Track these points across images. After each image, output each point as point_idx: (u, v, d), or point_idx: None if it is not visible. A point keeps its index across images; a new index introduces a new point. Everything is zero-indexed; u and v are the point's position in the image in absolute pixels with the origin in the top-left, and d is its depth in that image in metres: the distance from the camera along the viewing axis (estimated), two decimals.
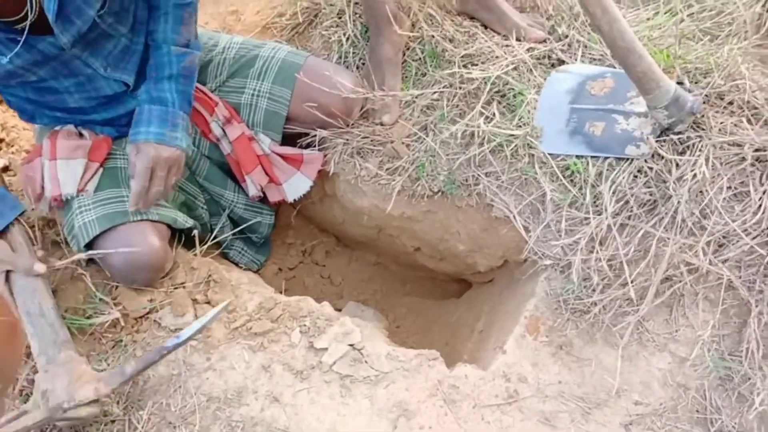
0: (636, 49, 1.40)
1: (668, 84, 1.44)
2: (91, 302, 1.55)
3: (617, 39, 1.39)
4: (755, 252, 1.36)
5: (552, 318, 1.45)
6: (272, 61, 1.65)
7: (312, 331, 1.51)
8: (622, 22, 1.38)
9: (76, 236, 1.48)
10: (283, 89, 1.64)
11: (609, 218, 1.45)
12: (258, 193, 1.71)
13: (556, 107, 1.64)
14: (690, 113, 1.46)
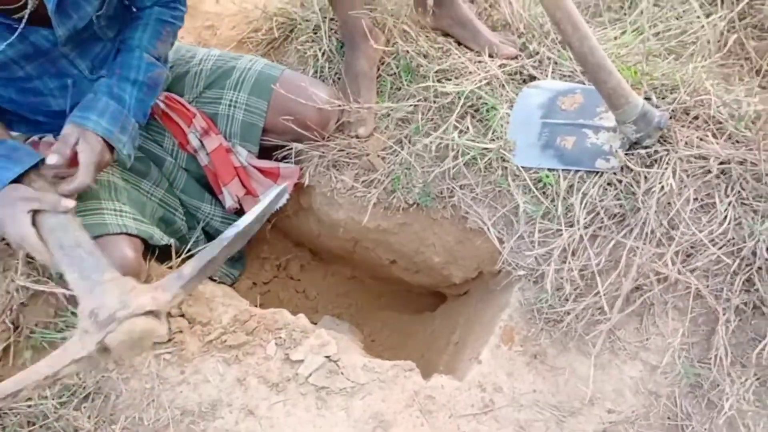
0: (606, 66, 1.44)
1: (636, 100, 1.48)
2: (62, 315, 1.53)
3: (588, 55, 1.43)
4: (722, 261, 1.40)
5: (526, 328, 1.46)
6: (249, 73, 1.66)
7: (288, 343, 1.50)
8: (592, 40, 1.42)
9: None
10: (260, 100, 1.65)
11: (580, 229, 1.48)
12: (235, 205, 1.70)
13: (527, 121, 1.67)
14: (657, 128, 1.51)
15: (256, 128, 1.66)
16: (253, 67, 1.67)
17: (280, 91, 1.64)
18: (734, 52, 2.29)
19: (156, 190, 1.65)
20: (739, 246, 1.40)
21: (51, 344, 1.50)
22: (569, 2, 1.40)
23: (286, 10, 2.01)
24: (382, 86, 1.81)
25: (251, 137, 1.68)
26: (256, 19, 2.06)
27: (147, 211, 1.61)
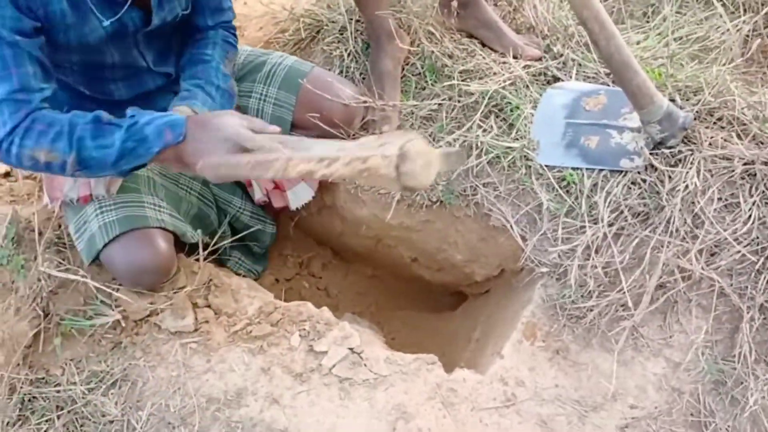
0: (631, 65, 1.46)
1: (661, 100, 1.49)
2: (92, 304, 1.56)
3: (614, 54, 1.45)
4: (746, 260, 1.41)
5: (549, 324, 1.47)
6: (279, 68, 1.70)
7: (311, 335, 1.52)
8: (619, 38, 1.44)
9: (94, 236, 1.48)
10: (289, 95, 1.68)
11: (604, 227, 1.50)
12: (263, 198, 1.73)
13: (551, 121, 1.69)
14: (682, 128, 1.52)
15: (285, 122, 1.69)
16: (283, 62, 1.70)
17: (308, 86, 1.67)
18: (756, 60, 2.30)
19: (194, 184, 1.69)
20: (763, 245, 1.41)
21: (80, 332, 1.53)
22: (596, 1, 1.42)
23: (312, 11, 2.05)
24: (406, 85, 1.83)
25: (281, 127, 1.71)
26: (283, 20, 2.10)
27: (182, 207, 1.65)
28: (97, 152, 1.26)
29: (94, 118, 1.26)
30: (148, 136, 1.25)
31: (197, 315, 1.57)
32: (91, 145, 1.25)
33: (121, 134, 1.26)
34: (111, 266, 1.52)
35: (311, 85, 1.67)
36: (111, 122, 1.27)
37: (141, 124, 1.26)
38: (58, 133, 1.24)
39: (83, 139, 1.25)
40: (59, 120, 1.25)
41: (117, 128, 1.26)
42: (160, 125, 1.26)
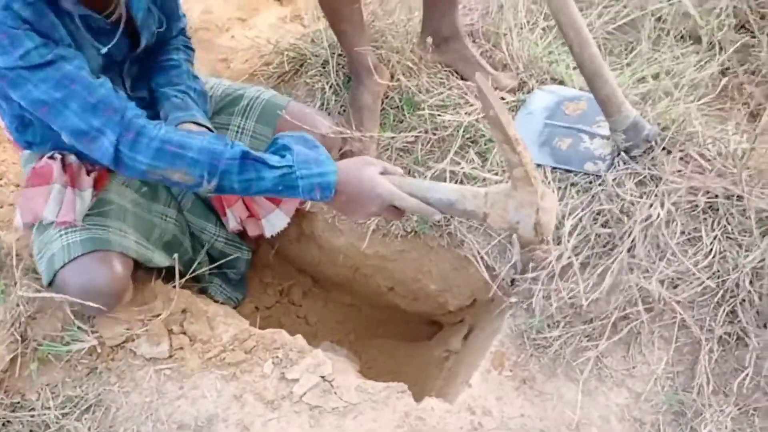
0: (603, 74, 1.55)
1: (629, 110, 1.58)
2: (69, 330, 1.58)
3: (587, 61, 1.52)
4: (707, 292, 1.44)
5: (516, 353, 1.50)
6: (256, 102, 1.74)
7: (284, 363, 1.54)
8: (593, 47, 1.52)
9: (54, 256, 1.49)
10: (266, 128, 1.72)
11: (572, 257, 1.53)
12: (238, 227, 1.77)
13: (532, 120, 1.79)
14: (645, 140, 1.60)
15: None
16: (260, 96, 1.75)
17: (286, 117, 1.71)
18: (731, 96, 2.36)
19: (169, 211, 1.71)
20: (723, 278, 1.44)
21: (57, 357, 1.55)
22: (574, 8, 1.50)
23: (296, 45, 2.11)
24: (385, 118, 1.88)
25: None
26: (268, 53, 2.16)
27: (154, 234, 1.67)
28: (240, 185, 1.31)
29: (242, 154, 1.29)
30: (299, 188, 1.30)
31: (172, 341, 1.59)
32: (236, 179, 1.30)
33: (273, 177, 1.29)
34: (64, 286, 1.49)
35: (289, 117, 1.72)
36: (258, 159, 1.30)
37: (296, 176, 1.29)
38: (194, 161, 1.28)
39: (229, 173, 1.29)
40: (195, 146, 1.28)
41: (267, 168, 1.29)
42: (313, 183, 1.29)
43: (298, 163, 1.30)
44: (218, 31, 2.31)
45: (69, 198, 1.52)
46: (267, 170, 1.29)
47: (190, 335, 1.61)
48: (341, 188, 1.31)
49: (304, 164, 1.30)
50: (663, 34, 2.37)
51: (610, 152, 1.65)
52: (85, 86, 1.26)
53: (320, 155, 1.33)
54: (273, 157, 1.31)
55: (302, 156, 1.31)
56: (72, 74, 1.25)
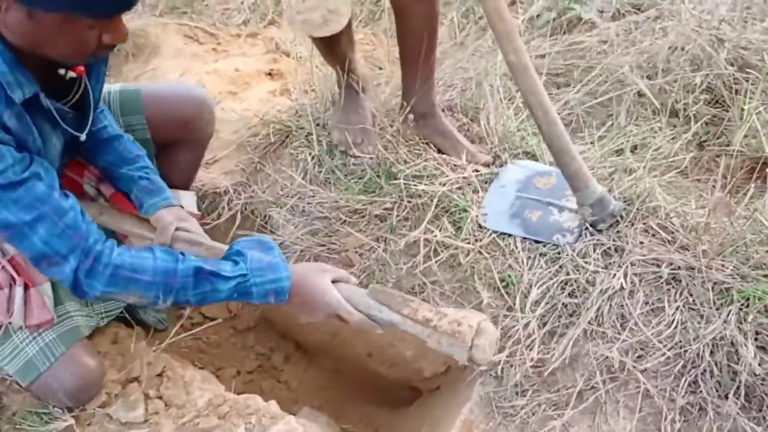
0: (569, 151, 1.64)
1: (595, 186, 1.66)
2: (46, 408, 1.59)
3: (554, 139, 1.61)
4: (670, 362, 1.47)
5: (485, 421, 1.52)
6: (111, 97, 1.69)
7: (257, 429, 1.56)
8: (560, 126, 1.62)
9: (33, 359, 1.50)
10: (136, 116, 1.69)
11: (538, 327, 1.57)
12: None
13: (504, 193, 1.87)
14: (611, 215, 1.67)
15: (148, 143, 1.71)
16: (111, 90, 1.69)
17: (147, 95, 1.70)
18: (708, 168, 2.44)
19: None
20: (685, 348, 1.47)
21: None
22: (542, 90, 1.60)
23: (281, 118, 2.21)
24: (365, 185, 1.95)
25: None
26: (255, 125, 2.26)
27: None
28: (196, 298, 1.32)
29: (195, 270, 1.29)
30: (253, 294, 1.33)
31: (148, 406, 1.61)
32: (192, 293, 1.31)
33: (228, 288, 1.31)
34: (50, 389, 1.52)
35: (150, 94, 1.71)
36: (212, 273, 1.31)
37: (249, 284, 1.31)
38: (150, 284, 1.28)
39: (184, 290, 1.30)
40: (149, 268, 1.28)
41: (222, 280, 1.31)
42: (267, 289, 1.32)
43: (252, 271, 1.32)
44: None
45: (35, 299, 1.49)
46: (221, 282, 1.30)
47: (166, 400, 1.63)
48: (295, 291, 1.34)
49: (258, 272, 1.32)
50: (641, 108, 2.48)
51: (577, 225, 1.72)
52: (55, 209, 1.23)
53: (274, 258, 1.35)
54: (226, 265, 1.32)
55: (256, 263, 1.33)
56: (43, 196, 1.22)
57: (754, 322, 1.46)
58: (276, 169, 2.12)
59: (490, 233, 1.78)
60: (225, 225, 2.10)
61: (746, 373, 1.39)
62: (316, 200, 1.98)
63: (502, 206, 1.84)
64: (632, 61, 2.58)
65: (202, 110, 1.78)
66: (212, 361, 2.15)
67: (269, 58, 2.72)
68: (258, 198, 2.07)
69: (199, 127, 1.79)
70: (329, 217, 1.93)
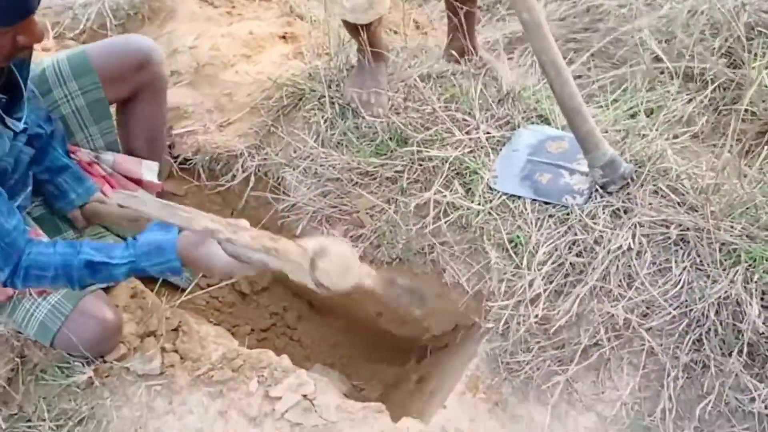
0: (582, 112, 1.64)
1: (606, 148, 1.66)
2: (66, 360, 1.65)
3: (567, 99, 1.62)
4: (675, 321, 1.49)
5: (490, 377, 1.55)
6: (61, 64, 1.72)
7: (269, 381, 1.61)
8: (572, 86, 1.62)
9: (46, 320, 1.57)
10: (88, 76, 1.72)
11: (546, 285, 1.59)
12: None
13: (516, 156, 1.88)
14: (622, 177, 1.67)
15: (102, 101, 1.76)
16: (58, 58, 1.73)
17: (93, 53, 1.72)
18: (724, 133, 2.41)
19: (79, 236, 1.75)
20: (690, 307, 1.48)
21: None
22: (555, 49, 1.60)
23: (295, 81, 2.22)
24: (376, 148, 1.97)
25: (103, 113, 1.78)
26: (269, 88, 2.27)
27: None
28: (100, 280, 1.45)
29: (86, 263, 1.38)
30: (150, 273, 1.41)
31: (164, 359, 1.67)
32: (92, 280, 1.43)
33: (121, 272, 1.40)
34: (69, 344, 1.59)
35: (95, 52, 1.74)
36: (104, 263, 1.39)
37: (140, 267, 1.39)
38: (55, 277, 1.39)
39: (84, 278, 1.41)
40: (51, 263, 1.39)
41: (113, 267, 1.39)
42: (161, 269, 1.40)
43: (138, 256, 1.38)
44: (224, 66, 2.42)
45: None
46: (113, 268, 1.39)
47: (182, 353, 1.69)
48: (190, 264, 1.39)
49: (145, 256, 1.38)
50: (658, 72, 2.45)
51: (587, 187, 1.72)
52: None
53: (164, 240, 1.39)
54: (117, 250, 1.40)
55: (144, 247, 1.39)
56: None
57: (760, 281, 1.47)
58: (289, 131, 2.14)
59: (500, 195, 1.79)
60: (239, 186, 2.13)
61: (750, 332, 1.41)
62: (329, 162, 2.00)
63: (513, 169, 1.85)
64: (651, 25, 2.55)
65: (150, 54, 1.81)
66: (227, 319, 2.20)
67: (283, 21, 2.72)
68: (271, 160, 2.09)
69: (150, 71, 1.82)
70: (341, 179, 1.95)
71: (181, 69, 2.48)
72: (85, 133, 1.79)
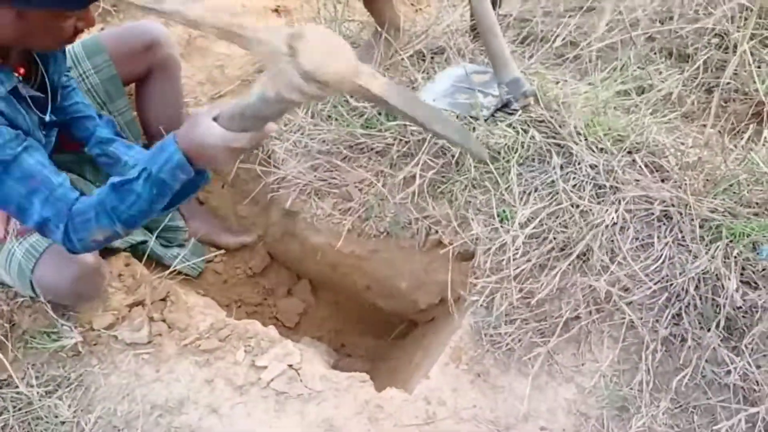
0: (494, 31, 1.79)
1: (513, 68, 1.84)
2: (54, 325, 1.66)
3: (481, 16, 1.79)
4: (655, 296, 1.51)
5: (474, 348, 1.57)
6: (75, 48, 1.81)
7: (255, 351, 1.63)
8: (488, 5, 1.76)
9: (21, 264, 1.57)
10: (99, 55, 1.82)
11: (530, 257, 1.61)
12: None
13: (442, 81, 2.07)
14: (524, 95, 1.82)
15: (116, 79, 1.85)
16: (72, 45, 1.74)
17: (106, 35, 1.84)
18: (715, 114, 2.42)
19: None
20: (671, 282, 1.50)
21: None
22: None
23: None
24: (366, 122, 1.97)
25: (117, 91, 1.87)
26: (260, 61, 2.26)
27: None
28: (133, 209, 1.37)
29: (111, 187, 1.36)
30: (167, 181, 1.35)
31: (152, 328, 1.69)
32: (124, 208, 1.37)
33: (142, 185, 1.35)
34: (45, 290, 1.60)
35: (109, 35, 1.85)
36: (124, 180, 1.37)
37: (154, 173, 1.34)
38: (97, 216, 1.37)
39: (116, 208, 1.37)
40: (90, 204, 1.38)
41: (134, 182, 1.36)
42: (170, 168, 1.33)
43: (146, 162, 1.36)
44: (215, 39, 2.41)
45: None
46: (134, 184, 1.35)
47: (169, 323, 1.70)
48: (193, 154, 1.32)
49: (152, 160, 1.35)
50: (651, 53, 2.45)
51: (495, 104, 1.88)
52: (44, 183, 1.35)
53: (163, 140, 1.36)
54: (131, 171, 1.38)
55: (147, 155, 1.37)
56: (34, 170, 1.34)
57: (740, 257, 1.48)
58: None
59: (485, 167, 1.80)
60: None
61: (728, 306, 1.43)
62: (319, 136, 2.00)
63: (438, 88, 2.04)
64: (646, 4, 2.54)
65: (158, 36, 1.89)
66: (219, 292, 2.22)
67: None
68: None
69: (159, 52, 1.89)
70: (331, 152, 1.96)
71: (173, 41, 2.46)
72: (104, 112, 1.86)
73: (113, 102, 1.88)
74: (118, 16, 2.74)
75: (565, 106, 1.89)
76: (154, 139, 1.98)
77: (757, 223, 1.51)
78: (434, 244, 1.82)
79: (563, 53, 2.32)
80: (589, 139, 1.77)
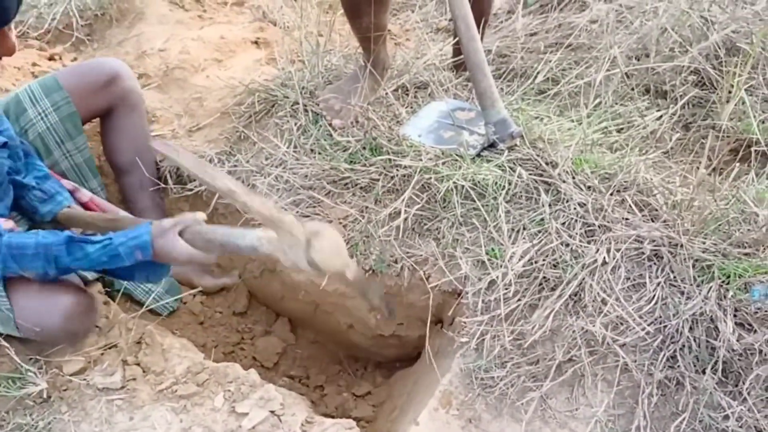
0: (483, 69, 1.77)
1: (500, 107, 1.82)
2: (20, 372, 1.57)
3: (471, 54, 1.77)
4: (649, 338, 1.48)
5: (464, 392, 1.52)
6: (32, 87, 1.85)
7: (235, 396, 1.56)
8: (478, 42, 1.75)
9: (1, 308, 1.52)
10: (57, 93, 1.84)
11: (520, 298, 1.57)
12: None
13: (425, 117, 2.04)
14: (511, 136, 1.80)
15: (75, 116, 1.87)
16: (30, 83, 1.87)
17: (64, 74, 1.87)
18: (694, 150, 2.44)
19: None
20: (664, 324, 1.48)
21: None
22: (467, 7, 1.74)
23: (268, 86, 2.17)
24: (350, 156, 1.93)
25: (76, 128, 1.89)
26: (240, 93, 2.22)
27: None
28: (74, 264, 1.46)
29: (66, 239, 1.44)
30: (121, 255, 1.44)
31: (126, 372, 1.60)
32: (68, 260, 1.45)
33: (96, 250, 1.45)
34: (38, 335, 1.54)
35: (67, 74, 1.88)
36: (83, 240, 1.46)
37: (114, 245, 1.44)
38: (35, 255, 1.44)
39: (59, 258, 1.44)
40: (30, 243, 1.45)
41: (90, 244, 1.45)
42: (131, 246, 1.44)
43: (115, 236, 1.45)
44: (194, 70, 2.37)
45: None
46: (89, 246, 1.45)
47: (144, 366, 1.62)
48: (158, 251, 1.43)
49: (121, 234, 1.45)
50: (629, 89, 2.47)
51: (481, 142, 1.85)
52: None
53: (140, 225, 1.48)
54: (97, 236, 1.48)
55: (120, 233, 1.47)
56: None
57: (733, 298, 1.47)
58: (261, 138, 2.09)
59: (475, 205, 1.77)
60: (207, 194, 2.08)
61: (724, 349, 1.40)
62: (303, 171, 1.96)
63: (422, 124, 2.00)
64: (622, 42, 2.57)
65: (118, 71, 1.93)
66: (195, 332, 2.13)
67: (256, 27, 2.68)
68: (242, 167, 2.04)
69: (120, 86, 1.93)
70: (314, 187, 1.91)
71: (150, 72, 2.42)
72: (63, 150, 1.89)
73: (72, 140, 1.90)
74: (92, 45, 2.69)
75: (550, 143, 1.87)
76: (121, 173, 2.05)
77: (749, 263, 1.50)
78: (419, 283, 1.77)
79: (543, 89, 2.32)
80: (576, 177, 1.75)
